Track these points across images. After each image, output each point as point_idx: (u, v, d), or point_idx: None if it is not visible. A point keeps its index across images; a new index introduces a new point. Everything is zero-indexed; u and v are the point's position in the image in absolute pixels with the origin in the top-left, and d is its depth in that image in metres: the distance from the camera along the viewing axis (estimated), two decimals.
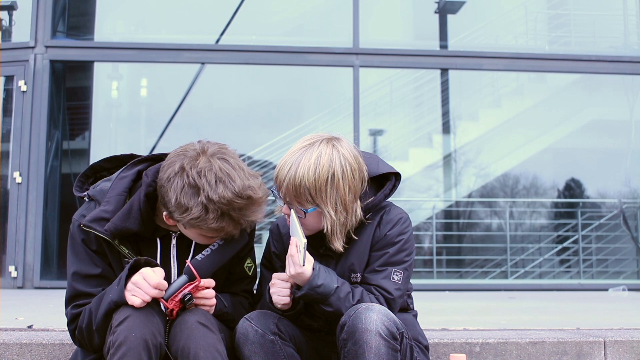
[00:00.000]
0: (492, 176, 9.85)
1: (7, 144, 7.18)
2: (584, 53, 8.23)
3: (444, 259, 9.14)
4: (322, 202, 2.09)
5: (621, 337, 2.85)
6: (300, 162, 2.07)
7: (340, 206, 2.10)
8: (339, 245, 2.15)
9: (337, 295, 2.09)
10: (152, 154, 2.20)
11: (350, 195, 2.11)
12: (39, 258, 6.85)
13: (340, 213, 2.10)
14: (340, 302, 2.09)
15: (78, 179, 2.24)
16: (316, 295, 2.08)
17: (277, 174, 2.13)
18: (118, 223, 2.02)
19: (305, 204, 2.10)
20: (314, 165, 2.07)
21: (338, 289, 2.09)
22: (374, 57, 7.71)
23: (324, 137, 2.14)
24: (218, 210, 1.91)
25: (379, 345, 1.96)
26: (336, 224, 2.11)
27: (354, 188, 2.12)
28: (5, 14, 7.91)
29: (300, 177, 2.06)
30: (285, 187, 2.10)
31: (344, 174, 2.09)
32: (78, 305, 2.07)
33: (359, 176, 2.13)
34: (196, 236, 2.04)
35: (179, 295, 1.97)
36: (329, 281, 2.09)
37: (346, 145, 2.14)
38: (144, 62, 8.16)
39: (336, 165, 2.08)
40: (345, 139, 2.18)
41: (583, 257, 8.84)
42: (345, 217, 2.12)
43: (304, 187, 2.07)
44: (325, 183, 2.07)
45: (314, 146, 2.11)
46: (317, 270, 2.09)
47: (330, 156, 2.08)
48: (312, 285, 2.07)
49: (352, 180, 2.10)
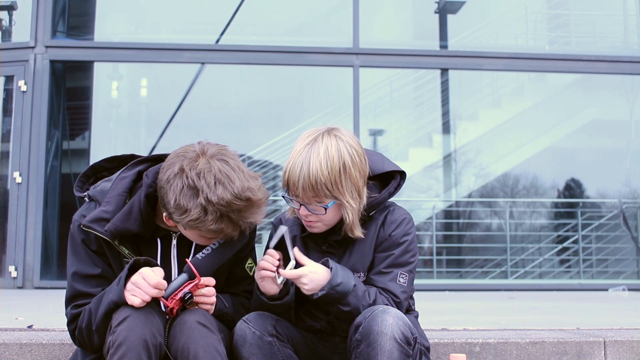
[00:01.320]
0: (492, 176, 9.86)
1: (7, 144, 7.18)
2: (584, 53, 8.23)
3: (444, 259, 9.14)
4: (340, 193, 2.08)
5: (621, 337, 2.85)
6: (310, 159, 2.06)
7: (356, 193, 2.12)
8: (359, 232, 2.16)
9: (355, 294, 2.07)
10: (152, 154, 2.20)
11: (361, 180, 2.13)
12: (39, 258, 6.85)
13: (356, 200, 2.12)
14: (358, 300, 2.07)
15: (78, 179, 2.23)
16: (336, 294, 2.05)
17: (287, 177, 2.10)
18: (118, 224, 2.02)
19: (324, 200, 2.09)
20: (325, 159, 2.06)
21: (356, 287, 2.08)
22: (374, 57, 7.71)
23: (323, 130, 2.14)
24: (217, 212, 1.90)
25: (393, 349, 1.95)
26: (355, 211, 2.12)
27: (363, 172, 2.14)
28: (5, 14, 7.91)
29: (314, 175, 2.05)
30: (301, 187, 2.07)
31: (353, 161, 2.10)
32: (78, 305, 2.07)
33: (365, 159, 2.16)
34: (196, 237, 2.04)
35: (179, 294, 1.97)
36: (347, 279, 2.07)
37: (346, 133, 2.16)
38: (144, 62, 8.16)
39: (345, 155, 2.09)
40: (341, 127, 2.20)
41: (583, 257, 8.84)
42: (359, 202, 2.14)
43: (320, 183, 2.05)
44: (339, 174, 2.07)
45: (317, 141, 2.10)
46: (335, 269, 2.07)
47: (337, 147, 2.09)
48: (332, 285, 2.04)
49: (360, 164, 2.13)
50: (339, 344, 2.25)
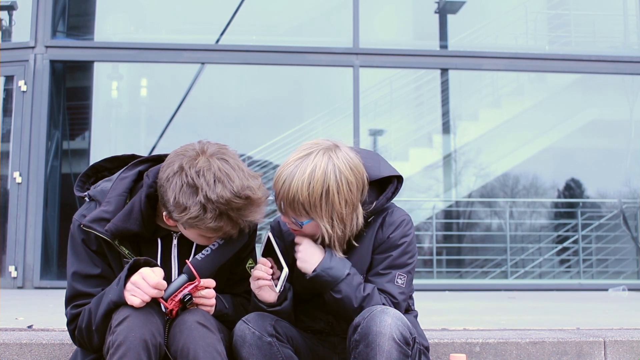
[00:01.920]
0: (492, 176, 9.85)
1: (7, 144, 7.18)
2: (584, 53, 8.23)
3: (444, 259, 9.14)
4: (317, 216, 2.06)
5: (621, 337, 2.85)
6: (295, 175, 2.04)
7: (337, 220, 2.07)
8: (339, 255, 2.14)
9: (349, 282, 2.08)
10: (153, 154, 2.20)
11: (347, 208, 2.07)
12: (39, 258, 6.85)
13: (337, 227, 2.08)
14: (351, 289, 2.07)
15: (79, 179, 2.23)
16: (327, 277, 2.07)
17: (273, 185, 2.12)
18: (119, 223, 2.02)
19: (300, 217, 2.09)
20: (308, 180, 2.03)
21: (349, 276, 2.08)
22: (374, 57, 7.71)
23: (322, 147, 2.09)
24: (216, 210, 1.90)
25: (391, 349, 1.95)
26: (333, 237, 2.09)
27: (351, 201, 2.08)
28: (5, 14, 7.90)
29: (293, 192, 2.04)
30: (280, 199, 2.09)
31: (339, 189, 2.04)
32: (78, 305, 2.07)
33: (357, 188, 2.09)
34: (195, 236, 2.04)
35: (178, 295, 1.97)
36: (341, 266, 2.08)
37: (343, 155, 2.08)
38: (144, 62, 8.16)
39: (330, 180, 2.04)
40: (345, 146, 2.13)
41: (583, 257, 8.83)
42: (343, 229, 2.10)
43: (297, 202, 2.04)
44: (319, 198, 2.04)
45: (309, 158, 2.06)
46: (329, 254, 2.09)
47: (324, 170, 2.04)
48: (323, 267, 2.06)
49: (348, 193, 2.06)
50: (338, 345, 2.25)
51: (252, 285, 2.12)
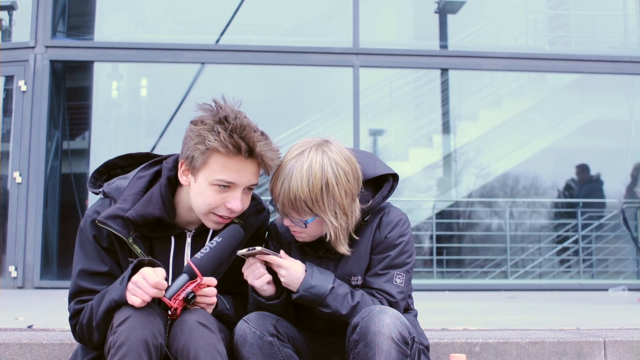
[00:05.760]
0: (492, 176, 9.85)
1: (7, 144, 7.18)
2: (583, 53, 8.23)
3: (444, 259, 9.13)
4: (321, 211, 2.07)
5: (621, 337, 2.85)
6: (292, 174, 2.05)
7: (340, 212, 2.08)
8: (344, 250, 2.14)
9: (334, 296, 2.08)
10: (169, 154, 2.23)
11: (347, 199, 2.08)
12: (39, 258, 6.85)
13: (340, 218, 2.09)
14: (338, 302, 2.08)
15: (92, 176, 2.26)
16: (311, 296, 2.07)
17: (271, 188, 2.12)
18: (140, 209, 2.05)
19: (303, 216, 2.09)
20: (307, 176, 2.04)
21: (334, 290, 2.08)
22: (374, 57, 7.71)
23: (313, 144, 2.11)
24: (231, 128, 1.98)
25: (390, 349, 1.95)
26: (339, 229, 2.10)
27: (351, 191, 2.09)
28: (5, 14, 7.91)
29: (294, 191, 2.04)
30: (281, 202, 2.08)
31: (338, 180, 2.06)
32: (81, 300, 2.08)
33: (354, 177, 2.11)
34: (212, 193, 2.03)
35: (181, 294, 1.97)
36: (323, 282, 2.08)
37: (336, 148, 2.11)
38: (144, 62, 8.16)
39: (328, 173, 2.05)
40: (335, 140, 2.15)
41: (583, 257, 8.83)
42: (346, 221, 2.11)
43: (299, 200, 2.05)
44: (320, 192, 2.05)
45: (303, 155, 2.08)
46: (310, 271, 2.09)
47: (321, 164, 2.05)
48: (305, 286, 2.07)
49: (346, 184, 2.08)
50: (338, 344, 2.25)
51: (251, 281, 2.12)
